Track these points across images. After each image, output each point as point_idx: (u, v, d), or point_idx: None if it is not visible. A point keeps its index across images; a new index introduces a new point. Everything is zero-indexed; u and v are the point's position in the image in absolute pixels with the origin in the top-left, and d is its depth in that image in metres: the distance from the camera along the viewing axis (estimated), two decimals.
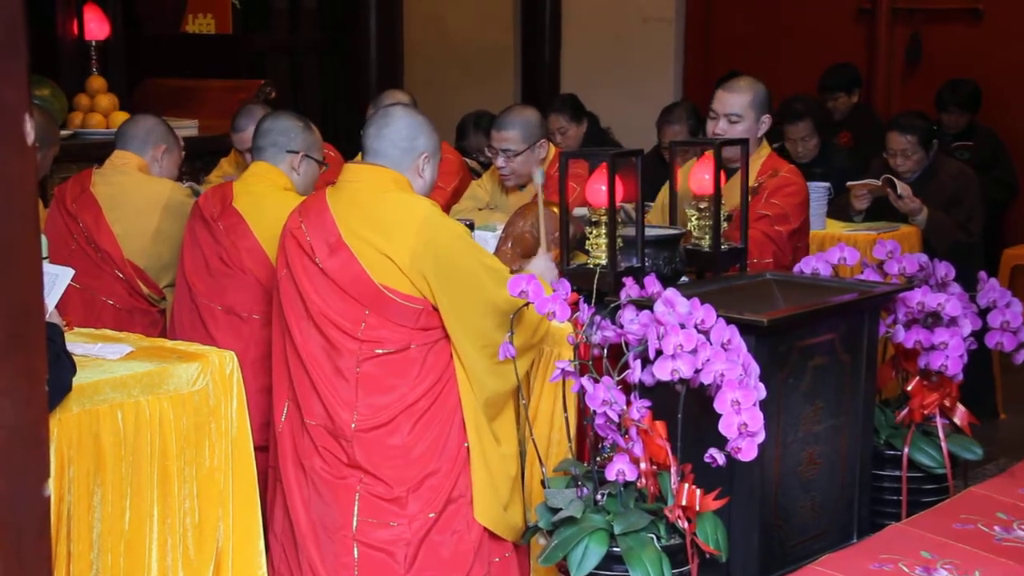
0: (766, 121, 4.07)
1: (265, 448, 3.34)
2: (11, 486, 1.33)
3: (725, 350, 2.85)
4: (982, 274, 3.81)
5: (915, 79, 7.51)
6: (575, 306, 3.02)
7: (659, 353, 2.84)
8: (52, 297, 3.01)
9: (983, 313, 3.71)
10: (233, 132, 4.73)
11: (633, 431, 2.85)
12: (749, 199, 3.81)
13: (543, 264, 3.51)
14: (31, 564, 1.36)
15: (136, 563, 2.85)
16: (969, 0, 7.40)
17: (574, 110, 6.03)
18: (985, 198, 5.67)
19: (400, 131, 3.17)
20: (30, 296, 1.37)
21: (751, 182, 3.88)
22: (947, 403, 3.64)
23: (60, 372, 2.61)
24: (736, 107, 4.02)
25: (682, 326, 2.84)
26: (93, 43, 6.41)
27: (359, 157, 3.36)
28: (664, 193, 4.10)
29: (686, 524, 2.86)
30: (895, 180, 5.15)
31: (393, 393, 3.08)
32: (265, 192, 3.75)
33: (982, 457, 3.77)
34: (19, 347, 1.34)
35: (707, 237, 3.72)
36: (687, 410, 2.88)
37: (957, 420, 3.68)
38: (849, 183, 5.28)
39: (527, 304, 2.94)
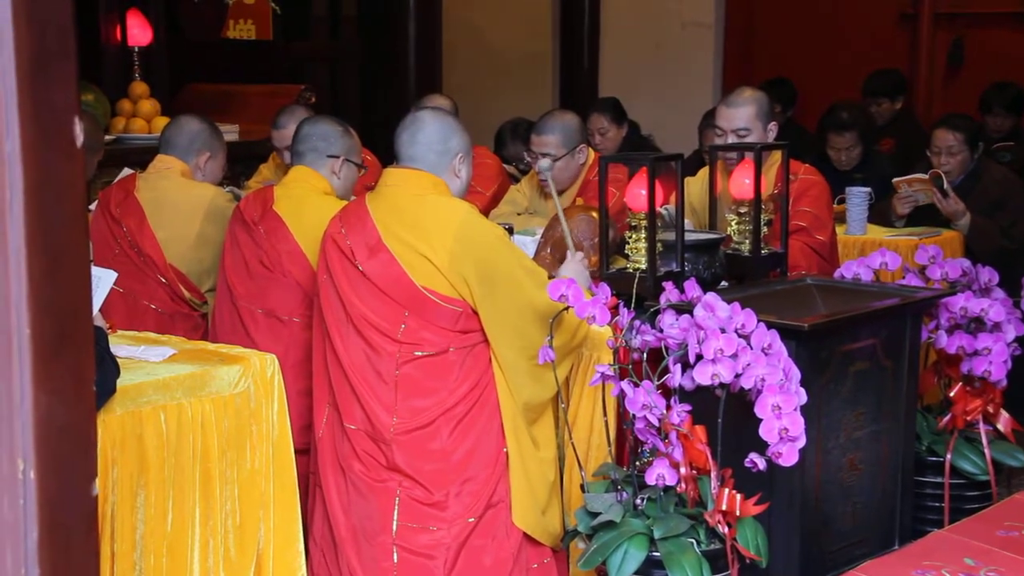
0: (773, 129, 4.01)
1: (305, 451, 3.36)
2: (60, 485, 1.35)
3: (766, 355, 2.84)
4: None
5: (957, 84, 7.44)
6: (615, 310, 3.02)
7: (699, 357, 2.84)
8: (95, 300, 3.03)
9: None
10: (274, 129, 4.75)
11: (673, 435, 2.84)
12: (772, 207, 3.79)
13: (573, 267, 3.47)
14: (79, 562, 1.38)
15: (178, 564, 2.87)
16: (1012, 4, 7.33)
17: (616, 111, 6.02)
18: None
19: (433, 135, 3.18)
20: (78, 298, 1.38)
21: (771, 189, 3.84)
22: (990, 409, 3.61)
23: (105, 374, 2.63)
24: (742, 121, 3.96)
25: (722, 330, 2.84)
26: (136, 49, 6.47)
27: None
28: (692, 192, 4.05)
29: (726, 529, 2.85)
30: (943, 176, 5.09)
31: (433, 397, 3.09)
32: (305, 196, 3.77)
33: None
34: (68, 348, 1.36)
35: (747, 242, 3.71)
36: (727, 415, 2.87)
37: (1000, 426, 3.65)
38: (896, 179, 5.20)
39: (567, 308, 2.94)
